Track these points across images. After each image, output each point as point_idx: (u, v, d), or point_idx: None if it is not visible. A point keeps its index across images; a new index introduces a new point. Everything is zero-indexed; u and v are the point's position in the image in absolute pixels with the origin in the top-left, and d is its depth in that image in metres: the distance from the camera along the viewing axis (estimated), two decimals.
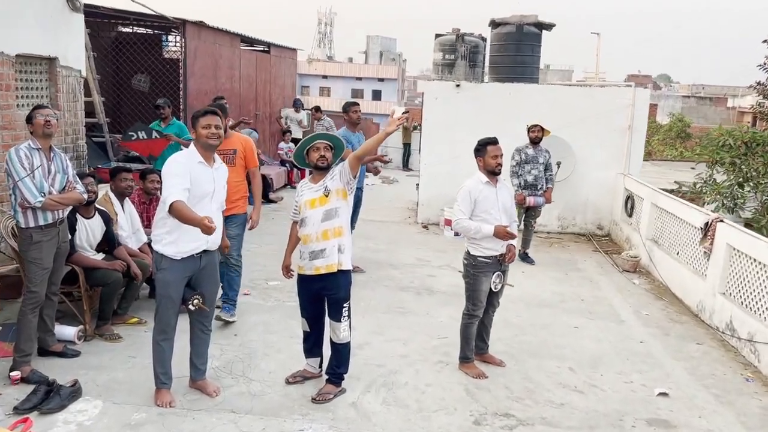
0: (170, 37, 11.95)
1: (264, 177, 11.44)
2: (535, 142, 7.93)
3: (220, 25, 11.47)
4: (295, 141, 13.85)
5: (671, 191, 8.99)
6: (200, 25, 10.63)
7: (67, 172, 4.53)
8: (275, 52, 15.11)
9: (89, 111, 8.64)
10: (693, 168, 17.04)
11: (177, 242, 3.98)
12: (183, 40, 10.10)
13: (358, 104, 7.08)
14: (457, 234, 9.31)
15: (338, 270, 4.20)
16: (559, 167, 8.90)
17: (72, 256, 5.02)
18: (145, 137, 7.98)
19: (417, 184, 11.00)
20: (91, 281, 5.12)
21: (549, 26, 10.00)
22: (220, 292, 5.21)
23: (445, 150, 9.97)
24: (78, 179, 4.69)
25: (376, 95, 54.58)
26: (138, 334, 5.21)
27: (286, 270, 4.55)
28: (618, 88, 9.57)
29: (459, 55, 10.53)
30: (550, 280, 7.48)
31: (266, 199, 11.30)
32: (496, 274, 4.68)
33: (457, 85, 9.78)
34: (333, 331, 4.34)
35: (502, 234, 4.52)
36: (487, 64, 11.28)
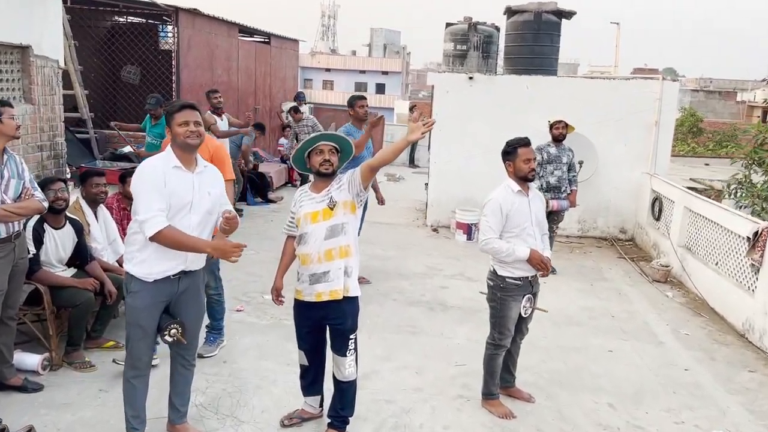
0: (168, 27, 11.28)
1: (263, 175, 10.79)
2: (558, 139, 7.23)
3: (216, 14, 10.77)
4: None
5: (696, 190, 8.30)
6: (194, 13, 9.95)
7: (23, 177, 3.87)
8: (276, 43, 14.42)
9: (73, 105, 7.99)
10: (707, 164, 16.40)
11: (149, 261, 3.33)
12: (175, 29, 9.41)
13: (365, 98, 6.38)
14: (469, 239, 8.65)
15: (344, 297, 3.54)
16: (581, 167, 8.21)
17: (35, 274, 4.37)
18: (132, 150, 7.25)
19: (426, 184, 10.32)
20: (58, 302, 4.46)
21: (569, 14, 9.30)
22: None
23: (457, 147, 9.29)
24: (36, 185, 4.04)
25: (380, 89, 53.84)
26: (111, 360, 4.55)
27: (277, 294, 3.88)
28: (644, 81, 8.87)
29: (471, 46, 9.83)
30: (576, 293, 6.80)
31: (265, 199, 10.65)
32: (526, 297, 4.01)
33: (470, 78, 9.09)
34: (336, 367, 3.68)
35: (536, 262, 3.86)
36: (501, 55, 10.56)
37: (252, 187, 10.45)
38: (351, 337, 3.64)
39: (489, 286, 4.08)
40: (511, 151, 3.98)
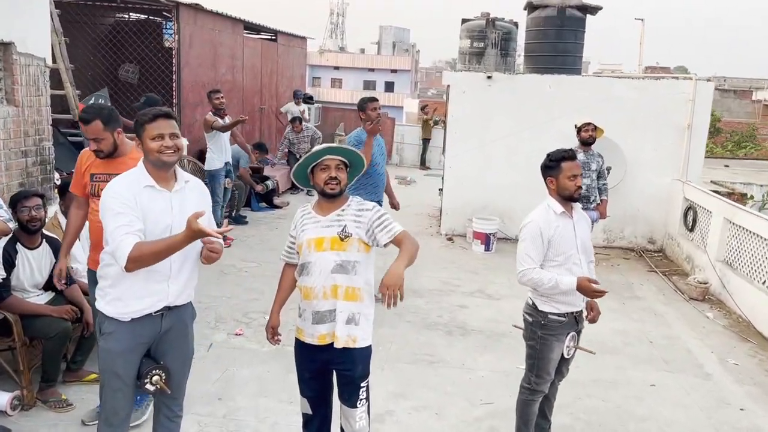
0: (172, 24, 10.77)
1: (268, 179, 10.26)
2: (587, 143, 6.65)
3: (219, 9, 10.24)
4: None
5: (719, 194, 7.68)
6: (196, 8, 9.41)
7: None
8: (283, 41, 13.88)
9: (64, 107, 7.47)
10: (726, 166, 15.77)
11: (125, 297, 2.79)
12: (176, 26, 8.88)
13: (377, 100, 5.81)
14: (488, 249, 8.08)
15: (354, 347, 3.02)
16: (608, 173, 7.61)
17: (4, 301, 3.86)
18: None
19: (440, 189, 9.75)
20: (30, 332, 3.93)
21: (594, 9, 8.72)
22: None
23: (474, 151, 8.72)
24: (1, 203, 3.51)
25: (389, 87, 53.36)
26: (94, 397, 4.02)
27: (273, 333, 3.33)
28: (676, 81, 8.27)
29: (489, 43, 9.25)
30: (606, 312, 6.15)
31: (271, 205, 10.12)
32: (570, 335, 3.44)
33: (489, 77, 8.51)
34: (345, 419, 3.13)
35: (588, 290, 3.29)
36: (521, 52, 9.97)
37: (257, 193, 9.92)
38: (362, 385, 3.09)
39: (527, 322, 3.51)
40: (554, 165, 3.41)
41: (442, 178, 9.35)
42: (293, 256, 3.21)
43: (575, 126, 6.77)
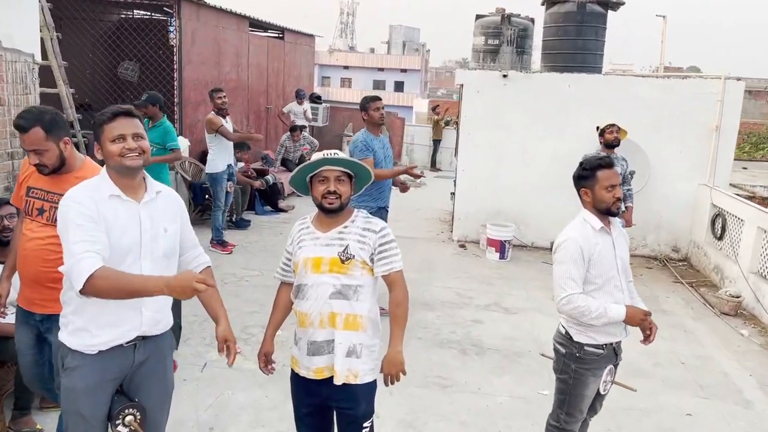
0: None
1: (267, 174, 9.89)
2: (612, 146, 6.21)
3: (223, 5, 9.87)
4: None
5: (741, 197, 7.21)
6: (199, 4, 9.05)
7: None
8: (290, 38, 13.50)
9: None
10: (745, 168, 15.23)
11: (91, 327, 2.41)
12: (178, 22, 8.52)
13: (380, 99, 5.40)
14: (502, 257, 7.65)
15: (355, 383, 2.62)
16: (632, 177, 7.17)
17: None
18: None
19: (452, 193, 9.34)
20: (2, 355, 3.56)
21: (616, 5, 8.28)
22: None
23: (489, 154, 8.30)
24: None
25: (399, 87, 52.98)
26: None
27: (265, 360, 2.94)
28: (703, 80, 7.81)
29: (505, 40, 8.83)
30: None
31: (275, 208, 9.74)
32: (608, 369, 3.03)
33: (504, 76, 8.08)
34: None
35: (638, 321, 2.89)
36: (538, 50, 9.54)
37: (261, 195, 9.55)
38: (366, 425, 2.70)
39: (558, 354, 3.09)
40: (588, 175, 2.99)
41: (454, 182, 8.93)
42: (289, 275, 2.83)
43: (597, 128, 6.33)
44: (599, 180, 2.95)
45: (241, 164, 9.57)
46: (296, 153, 11.09)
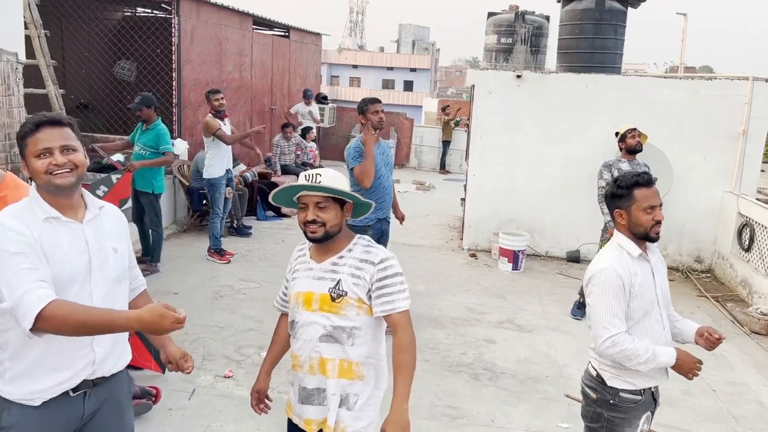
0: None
1: (276, 185, 9.50)
2: (635, 151, 5.80)
3: (225, 2, 9.51)
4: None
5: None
6: (199, 1, 8.68)
7: None
8: (296, 37, 13.13)
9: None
10: (763, 171, 14.73)
11: (31, 372, 2.05)
12: (176, 20, 8.16)
13: (379, 101, 4.97)
14: (516, 268, 7.25)
15: None
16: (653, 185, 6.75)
17: None
18: (105, 189, 5.92)
19: (462, 199, 8.95)
20: None
21: (637, 2, 7.84)
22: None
23: (501, 158, 7.89)
24: None
25: (408, 86, 52.58)
26: None
27: (258, 399, 2.57)
28: (730, 82, 7.36)
29: (518, 39, 8.41)
30: None
31: (278, 213, 9.38)
32: (645, 416, 2.63)
33: (518, 76, 7.68)
34: None
35: (688, 369, 2.51)
36: (553, 49, 9.10)
37: (263, 200, 9.18)
38: None
39: (588, 399, 2.69)
40: (624, 194, 2.59)
41: (465, 187, 8.53)
42: (287, 306, 2.47)
43: (617, 133, 5.91)
44: (636, 200, 2.55)
45: (241, 167, 9.22)
46: (289, 156, 10.60)
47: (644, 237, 2.57)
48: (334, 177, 2.25)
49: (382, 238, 5.18)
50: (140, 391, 3.93)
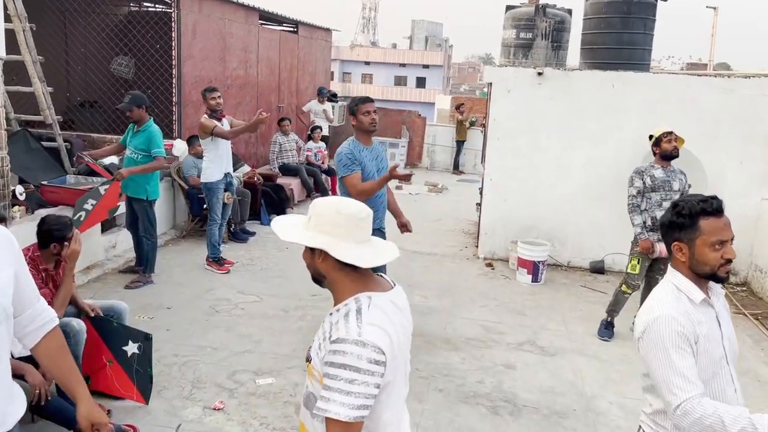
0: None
1: (281, 188, 9.07)
2: (670, 157, 5.28)
3: None
4: (324, 139, 11.41)
5: None
6: None
7: None
8: (305, 32, 12.67)
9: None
10: None
11: None
12: (176, 13, 7.72)
13: (371, 101, 4.44)
14: (536, 280, 6.75)
15: None
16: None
17: None
18: (95, 203, 5.51)
19: (478, 204, 8.44)
20: None
21: None
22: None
23: (520, 161, 7.38)
24: None
25: (421, 83, 52.06)
26: None
27: None
28: None
29: (539, 33, 7.88)
30: None
31: None
32: None
33: (539, 73, 7.16)
34: None
35: None
36: (575, 44, 8.57)
37: (268, 203, 8.73)
38: None
39: None
40: (686, 223, 2.09)
41: (480, 191, 8.02)
42: None
43: (650, 137, 5.38)
44: (703, 232, 2.05)
45: (246, 168, 8.78)
46: (288, 153, 10.07)
47: (710, 277, 2.07)
48: (281, 222, 1.84)
49: None
50: (115, 431, 3.49)
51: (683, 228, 2.08)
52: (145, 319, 5.27)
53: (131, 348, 3.89)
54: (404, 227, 4.83)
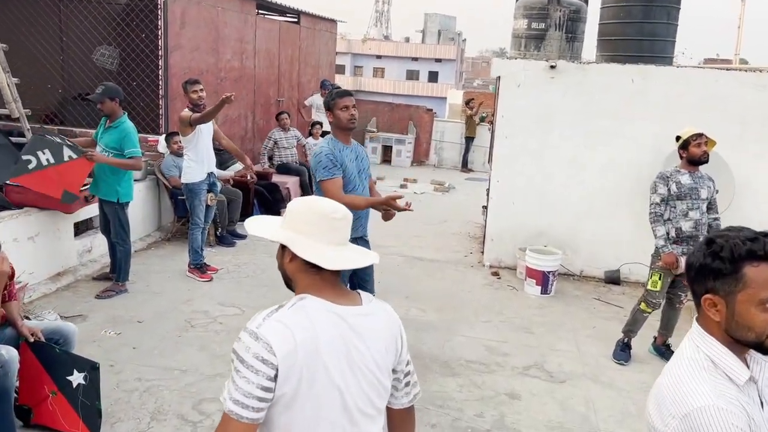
0: None
1: (276, 187, 8.57)
2: (699, 162, 4.70)
3: None
4: (325, 135, 10.87)
5: None
6: None
7: None
8: (307, 23, 12.13)
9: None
10: None
11: None
12: (162, 0, 7.21)
13: (350, 94, 3.89)
14: (545, 292, 6.20)
15: None
16: None
17: None
18: (51, 161, 5.05)
19: (484, 207, 7.89)
20: None
21: None
22: None
23: (530, 161, 6.82)
24: None
25: (433, 77, 51.41)
26: None
27: None
28: None
29: (552, 24, 7.29)
30: None
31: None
32: None
33: (552, 66, 6.58)
34: None
35: None
36: (592, 36, 7.95)
37: (261, 204, 8.22)
38: None
39: None
40: (726, 270, 1.49)
41: (487, 192, 7.46)
42: None
43: (678, 137, 4.80)
44: (749, 284, 1.47)
45: (239, 166, 8.27)
46: (286, 151, 9.56)
47: (754, 346, 1.51)
48: (257, 219, 1.81)
49: (364, 276, 4.19)
50: None
51: (720, 276, 1.52)
52: (111, 335, 4.79)
53: (77, 378, 3.40)
54: (392, 208, 3.79)
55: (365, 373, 1.65)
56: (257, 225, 1.74)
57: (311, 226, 1.64)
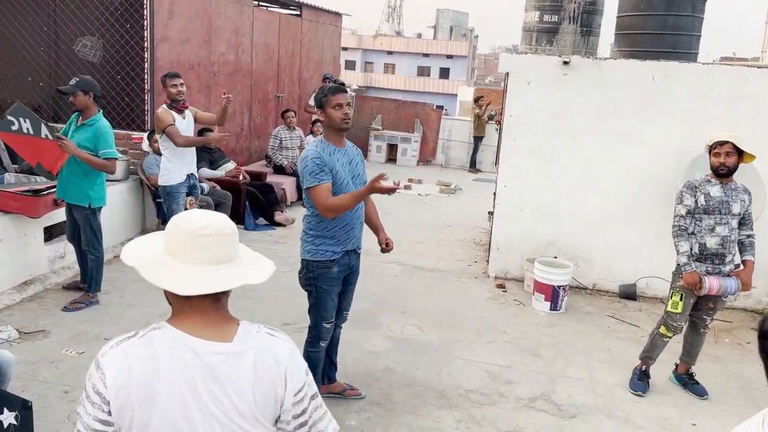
0: None
1: (271, 188, 8.11)
2: (726, 173, 4.17)
3: None
4: None
5: None
6: None
7: None
8: (309, 16, 11.65)
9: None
10: None
11: None
12: None
13: (344, 91, 3.43)
14: (555, 308, 5.70)
15: None
16: None
17: None
18: (30, 132, 4.85)
19: (490, 213, 7.38)
20: None
21: None
22: None
23: (540, 165, 6.31)
24: None
25: (444, 73, 50.86)
26: None
27: None
28: None
29: (566, 16, 6.77)
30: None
31: (271, 222, 7.97)
32: None
33: (565, 62, 6.05)
34: None
35: None
36: (609, 29, 7.39)
37: (253, 206, 7.76)
38: None
39: None
40: None
41: (494, 198, 6.95)
42: None
43: (708, 145, 4.27)
44: None
45: (230, 165, 7.82)
46: (289, 151, 9.11)
47: None
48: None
49: (350, 275, 3.73)
50: None
51: None
52: (73, 354, 4.34)
53: (7, 418, 2.94)
54: (386, 246, 3.82)
55: (222, 421, 1.47)
56: (133, 244, 1.61)
57: (176, 245, 1.52)
